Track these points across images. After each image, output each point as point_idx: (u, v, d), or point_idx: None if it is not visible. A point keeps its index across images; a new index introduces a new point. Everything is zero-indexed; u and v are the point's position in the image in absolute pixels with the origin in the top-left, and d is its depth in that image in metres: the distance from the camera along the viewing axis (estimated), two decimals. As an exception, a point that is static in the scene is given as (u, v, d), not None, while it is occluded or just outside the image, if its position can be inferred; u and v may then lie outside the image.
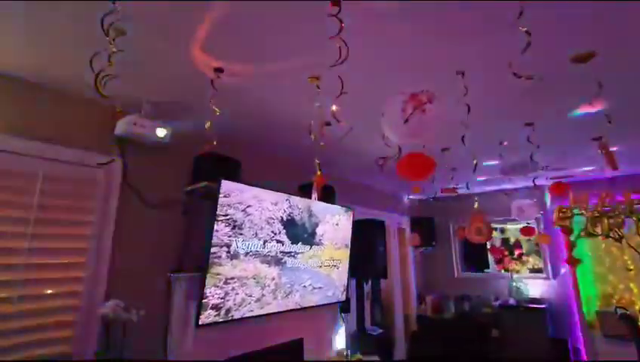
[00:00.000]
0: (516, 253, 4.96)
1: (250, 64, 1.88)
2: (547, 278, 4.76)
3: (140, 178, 2.44)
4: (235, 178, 2.61)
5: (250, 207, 2.62)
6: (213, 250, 2.35)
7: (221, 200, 2.41)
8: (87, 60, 1.32)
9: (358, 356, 2.96)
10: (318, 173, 2.06)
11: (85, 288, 2.06)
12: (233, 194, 2.50)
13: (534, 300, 4.61)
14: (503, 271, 5.09)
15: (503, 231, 5.55)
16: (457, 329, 5.00)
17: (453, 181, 3.94)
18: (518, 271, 4.85)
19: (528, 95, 2.22)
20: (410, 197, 6.00)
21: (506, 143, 3.10)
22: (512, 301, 4.74)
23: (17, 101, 1.98)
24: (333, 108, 1.56)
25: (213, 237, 2.36)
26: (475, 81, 1.97)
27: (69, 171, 2.09)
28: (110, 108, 2.16)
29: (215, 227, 2.37)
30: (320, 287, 3.28)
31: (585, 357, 4.32)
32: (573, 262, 4.59)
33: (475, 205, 2.66)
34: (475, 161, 2.43)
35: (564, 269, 4.69)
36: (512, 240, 5.41)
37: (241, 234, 2.54)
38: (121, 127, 2.21)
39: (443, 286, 5.62)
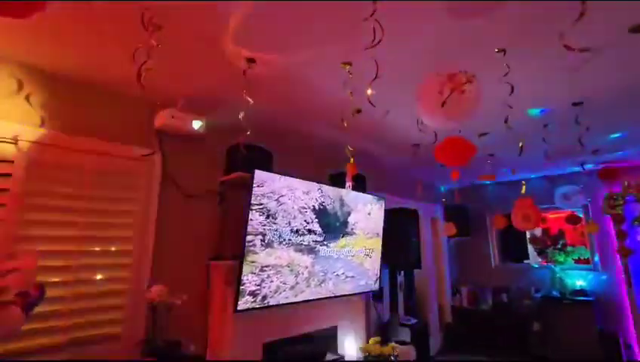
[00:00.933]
0: (560, 243, 4.68)
1: (281, 53, 1.88)
2: (595, 270, 4.47)
3: (177, 169, 2.53)
4: (267, 168, 2.65)
5: (282, 196, 2.65)
6: (248, 238, 2.41)
7: (255, 189, 2.45)
8: (129, 58, 1.38)
9: (394, 344, 2.94)
10: (351, 160, 2.04)
11: (132, 274, 2.19)
12: (266, 183, 2.54)
13: (580, 292, 4.35)
14: (545, 262, 4.83)
15: (543, 220, 5.25)
16: (495, 322, 4.84)
17: (492, 168, 3.78)
18: (562, 262, 4.58)
19: (576, 71, 2.05)
20: (445, 186, 5.82)
21: (548, 126, 2.90)
22: (555, 293, 4.50)
23: (67, 100, 2.11)
24: (369, 92, 1.52)
25: (248, 226, 2.41)
26: (518, 57, 1.85)
27: (114, 164, 2.21)
28: (150, 104, 2.25)
29: (250, 216, 2.42)
30: (352, 276, 3.28)
31: (639, 355, 4.04)
32: (625, 252, 4.29)
33: (523, 189, 2.52)
34: (520, 144, 2.29)
35: (614, 260, 4.37)
36: (555, 230, 5.12)
37: (274, 223, 2.58)
38: (160, 120, 2.30)
39: (479, 277, 5.44)
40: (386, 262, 3.63)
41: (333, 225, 3.06)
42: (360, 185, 3.44)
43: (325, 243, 2.99)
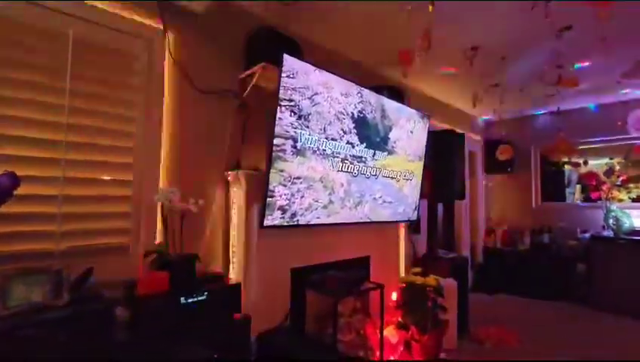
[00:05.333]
0: (620, 179, 4.12)
1: None
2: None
3: (189, 59, 2.01)
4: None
5: (317, 95, 2.13)
6: (276, 141, 1.94)
7: (284, 80, 1.93)
8: None
9: (436, 277, 2.60)
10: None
11: (136, 177, 1.78)
12: (298, 75, 2.01)
13: (638, 232, 3.88)
14: (599, 200, 4.31)
15: (585, 163, 4.62)
16: (532, 263, 4.48)
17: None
18: (620, 200, 4.06)
19: None
20: (486, 117, 5.16)
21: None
22: (607, 233, 4.04)
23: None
24: None
25: (277, 127, 1.94)
26: None
27: (105, 37, 1.70)
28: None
29: (278, 114, 1.94)
30: (391, 202, 2.86)
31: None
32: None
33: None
34: None
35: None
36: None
37: (307, 126, 2.10)
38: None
39: (517, 216, 5.00)
40: (427, 189, 3.18)
41: (373, 139, 2.57)
42: (398, 101, 2.86)
43: (364, 159, 2.52)
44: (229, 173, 2.14)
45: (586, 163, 4.88)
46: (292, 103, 1.99)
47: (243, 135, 2.22)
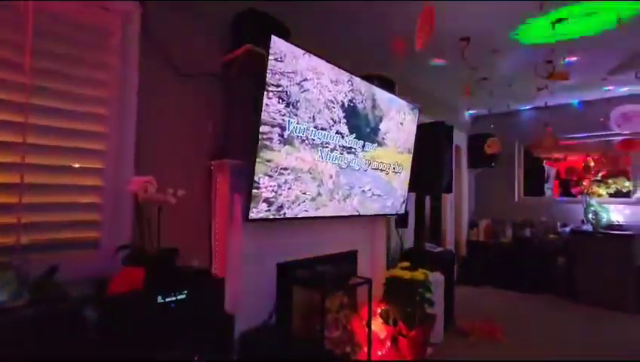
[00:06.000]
0: (600, 174, 4.22)
1: None
2: (634, 203, 4.06)
3: (167, 37, 1.86)
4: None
5: (306, 81, 2.02)
6: (263, 129, 1.83)
7: (272, 64, 1.81)
8: None
9: (424, 271, 2.56)
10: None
11: (108, 165, 1.63)
12: (287, 59, 1.88)
13: (616, 227, 3.98)
14: (580, 195, 4.41)
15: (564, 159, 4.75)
16: (513, 256, 4.56)
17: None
18: (599, 195, 4.16)
19: None
20: (470, 111, 5.18)
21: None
22: (586, 227, 4.14)
23: None
24: None
25: (263, 113, 1.82)
26: None
27: (73, 9, 1.52)
28: None
29: (265, 100, 1.81)
30: (380, 195, 2.79)
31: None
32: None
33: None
34: None
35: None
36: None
37: (296, 114, 1.98)
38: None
39: (500, 210, 5.06)
40: (414, 182, 3.13)
41: (363, 129, 2.48)
42: (388, 91, 2.78)
43: (353, 150, 2.43)
44: (213, 162, 2.01)
45: (565, 159, 5.00)
46: (280, 89, 1.87)
47: (227, 122, 2.09)
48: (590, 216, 4.11)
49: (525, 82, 3.66)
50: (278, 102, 1.88)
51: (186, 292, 1.42)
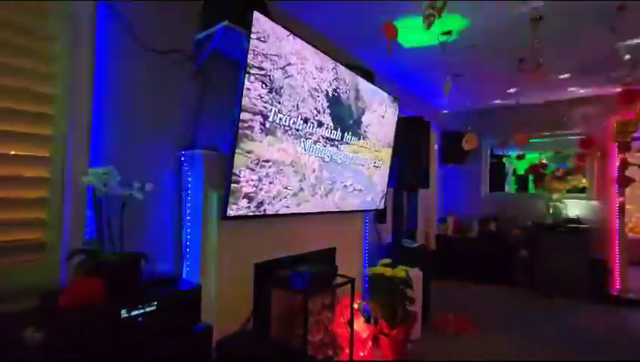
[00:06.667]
0: (559, 172, 4.46)
1: None
2: (590, 198, 4.33)
3: (130, 8, 1.59)
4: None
5: (290, 65, 1.84)
6: (244, 116, 1.63)
7: (254, 44, 1.62)
8: None
9: (405, 267, 2.51)
10: None
11: (57, 154, 1.36)
12: (270, 40, 1.70)
13: (574, 221, 4.23)
14: (540, 190, 4.64)
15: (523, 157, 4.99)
16: (480, 250, 4.71)
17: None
18: (559, 191, 4.39)
19: None
20: (444, 111, 5.26)
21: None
22: (548, 221, 4.35)
23: None
24: None
25: (244, 99, 1.62)
26: None
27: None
28: None
29: (247, 84, 1.62)
30: (361, 190, 2.69)
31: (616, 280, 4.10)
32: (627, 181, 4.15)
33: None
34: None
35: (610, 189, 4.24)
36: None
37: (279, 102, 1.81)
38: None
39: (468, 206, 5.20)
40: (393, 178, 3.08)
41: (346, 121, 2.35)
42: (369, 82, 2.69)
43: (337, 143, 2.30)
44: (183, 152, 1.78)
45: (523, 157, 5.22)
46: (263, 72, 1.69)
47: (200, 108, 1.87)
48: (550, 210, 4.33)
49: (499, 79, 3.75)
50: (261, 87, 1.69)
51: (155, 303, 1.22)
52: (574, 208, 4.37)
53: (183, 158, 1.79)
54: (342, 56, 2.50)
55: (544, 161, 4.88)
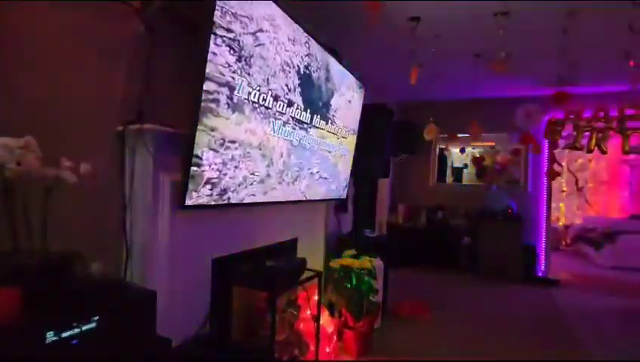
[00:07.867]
0: (498, 164, 4.80)
1: None
2: (524, 190, 4.75)
3: None
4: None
5: (262, 32, 1.60)
6: (208, 86, 1.36)
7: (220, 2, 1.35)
8: None
9: (370, 258, 2.45)
10: None
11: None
12: (240, -2, 1.44)
13: (510, 211, 4.60)
14: (480, 181, 4.97)
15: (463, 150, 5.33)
16: (427, 238, 4.92)
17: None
18: (498, 183, 4.73)
19: None
20: (392, 97, 5.29)
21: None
22: (489, 211, 4.68)
23: None
24: None
25: (209, 65, 1.35)
26: None
27: None
28: None
29: (212, 47, 1.35)
30: (326, 178, 2.55)
31: (541, 263, 4.59)
32: (553, 174, 4.61)
33: None
34: None
35: (542, 181, 4.69)
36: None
37: (249, 73, 1.56)
38: None
39: (416, 195, 5.38)
40: (355, 166, 2.98)
41: (316, 103, 2.17)
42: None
43: (306, 125, 2.11)
44: (127, 127, 1.45)
45: (463, 150, 5.54)
46: (231, 35, 1.42)
47: (149, 74, 1.53)
48: (491, 201, 4.66)
49: (455, 72, 3.83)
50: (229, 53, 1.43)
51: (96, 319, 0.94)
52: (510, 199, 4.75)
53: (126, 134, 1.46)
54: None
55: (477, 155, 5.24)
